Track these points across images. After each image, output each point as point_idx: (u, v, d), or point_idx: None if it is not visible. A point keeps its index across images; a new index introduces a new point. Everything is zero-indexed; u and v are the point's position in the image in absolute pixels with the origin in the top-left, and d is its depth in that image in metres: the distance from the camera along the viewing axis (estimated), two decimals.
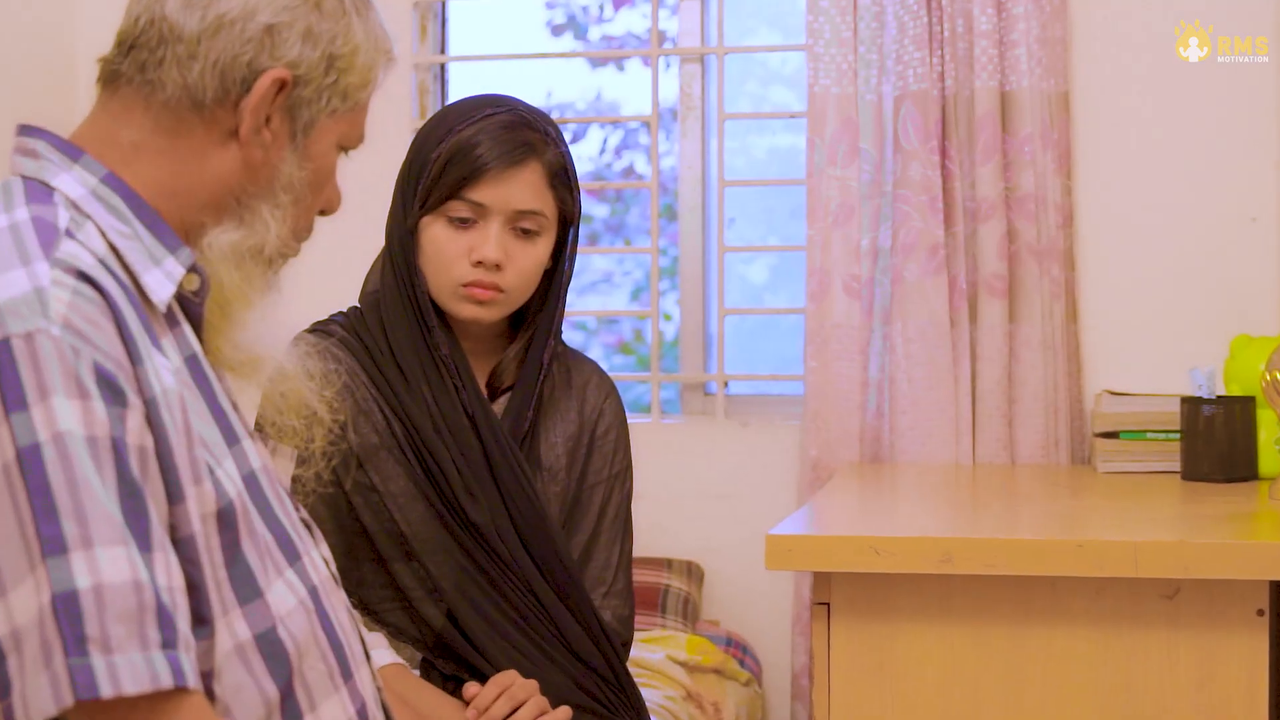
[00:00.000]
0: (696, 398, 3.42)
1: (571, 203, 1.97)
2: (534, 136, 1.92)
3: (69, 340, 1.12)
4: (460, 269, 1.92)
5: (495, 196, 1.90)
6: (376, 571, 1.95)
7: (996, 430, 2.99)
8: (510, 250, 1.92)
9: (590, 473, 2.05)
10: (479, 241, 1.91)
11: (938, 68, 3.01)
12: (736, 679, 2.94)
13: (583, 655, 1.96)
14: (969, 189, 3.02)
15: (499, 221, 1.91)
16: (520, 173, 1.91)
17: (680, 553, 3.25)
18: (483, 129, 1.91)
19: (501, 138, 1.90)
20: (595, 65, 3.92)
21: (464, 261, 1.91)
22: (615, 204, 4.07)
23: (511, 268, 1.92)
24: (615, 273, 4.12)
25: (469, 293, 1.92)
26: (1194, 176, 3.07)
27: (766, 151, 3.73)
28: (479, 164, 1.89)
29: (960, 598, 1.87)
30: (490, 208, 1.91)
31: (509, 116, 1.92)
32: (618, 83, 3.94)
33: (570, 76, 3.98)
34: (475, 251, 1.91)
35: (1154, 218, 3.09)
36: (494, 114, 1.92)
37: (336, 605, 1.36)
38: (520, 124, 1.92)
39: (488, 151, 1.89)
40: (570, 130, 3.76)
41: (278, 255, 1.36)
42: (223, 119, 1.29)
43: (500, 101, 1.96)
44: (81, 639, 1.07)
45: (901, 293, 3.01)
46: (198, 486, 1.19)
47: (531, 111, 1.96)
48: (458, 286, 1.93)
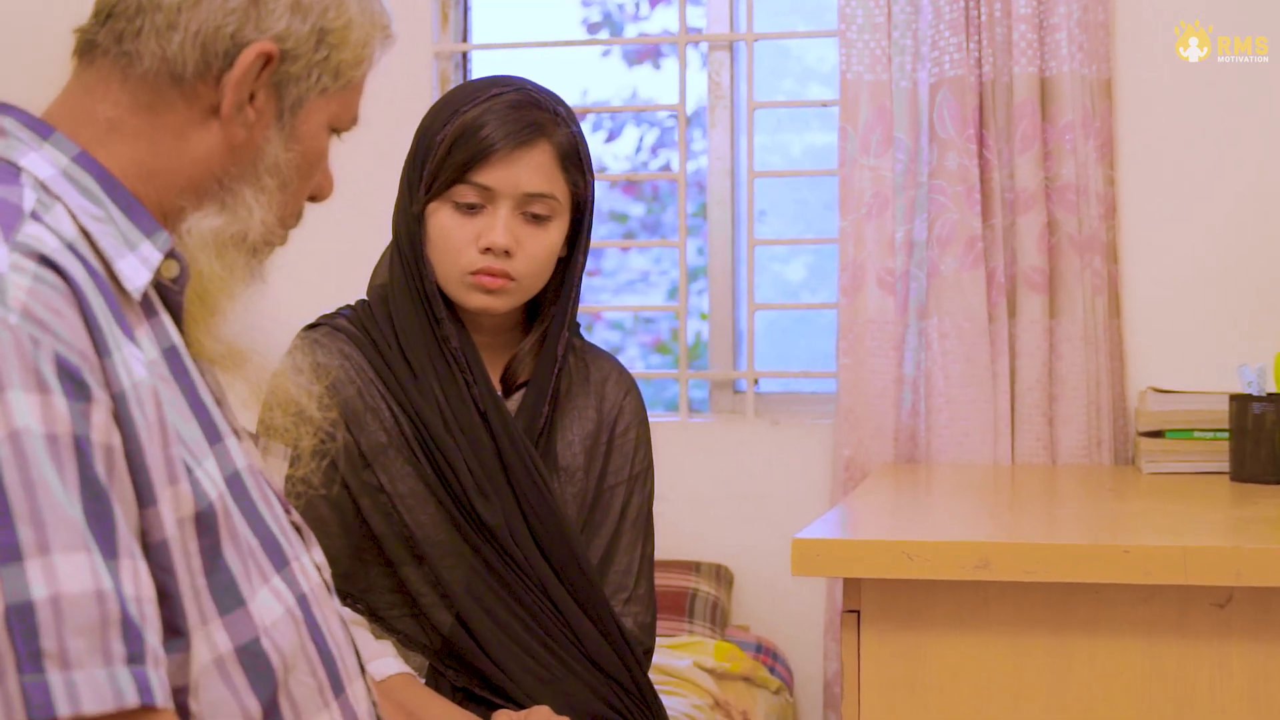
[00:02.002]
0: (726, 396, 3.39)
1: (584, 186, 1.89)
2: (543, 116, 1.86)
3: (28, 330, 1.05)
4: (468, 256, 1.85)
5: (503, 179, 1.83)
6: (385, 576, 1.90)
7: (1036, 429, 2.95)
8: (520, 236, 1.85)
9: (609, 473, 1.99)
10: (487, 227, 1.84)
11: (975, 53, 2.97)
12: (766, 687, 2.90)
13: (601, 664, 1.91)
14: (1007, 179, 2.98)
15: (508, 206, 1.84)
16: (529, 154, 1.84)
17: (709, 556, 3.22)
18: (489, 109, 1.84)
19: (509, 117, 1.83)
20: (631, 63, 3.91)
21: (472, 248, 1.85)
22: (651, 202, 4.10)
23: (522, 254, 1.86)
24: (652, 271, 4.13)
25: (478, 281, 1.86)
26: (1242, 165, 3.02)
27: (803, 150, 3.71)
28: (485, 145, 1.82)
29: (997, 606, 1.81)
30: (498, 191, 1.84)
31: (516, 95, 1.86)
32: (654, 81, 3.94)
33: (606, 74, 3.98)
34: (483, 238, 1.84)
35: (1200, 208, 3.04)
36: (501, 93, 1.86)
37: (328, 614, 1.30)
38: (528, 103, 1.86)
39: (494, 132, 1.82)
40: (606, 129, 3.72)
41: (262, 243, 1.29)
42: (204, 95, 1.23)
43: (508, 81, 1.89)
44: (36, 654, 0.99)
45: (938, 287, 2.97)
46: (173, 487, 1.12)
47: (540, 90, 1.89)
48: (466, 275, 1.86)
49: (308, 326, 1.94)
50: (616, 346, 4.15)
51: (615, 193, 4.08)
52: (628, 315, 4.13)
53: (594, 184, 1.93)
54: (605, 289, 4.01)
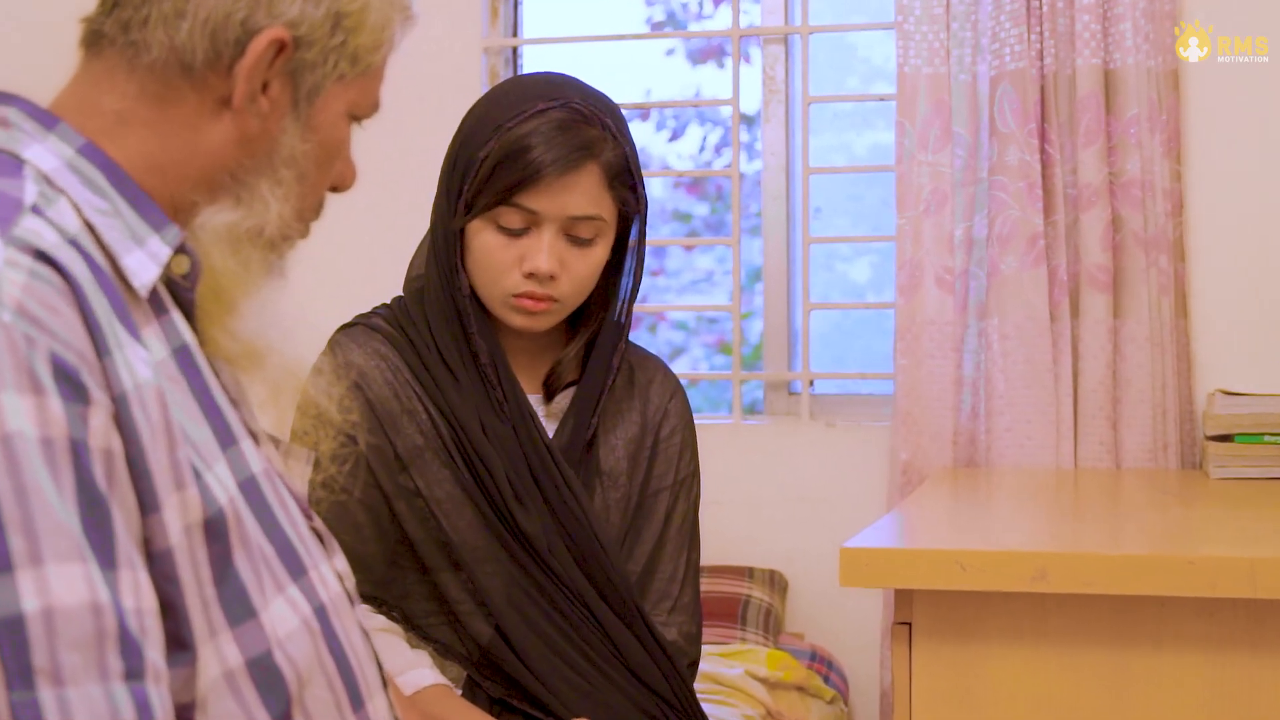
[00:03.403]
0: (781, 397, 3.36)
1: (634, 201, 1.84)
2: (592, 134, 1.78)
3: (22, 328, 1.00)
4: (511, 279, 1.80)
5: (549, 204, 1.77)
6: (421, 583, 1.86)
7: (1100, 433, 2.92)
8: (565, 258, 1.80)
9: (654, 478, 1.95)
10: (531, 251, 1.79)
11: (1036, 45, 2.94)
12: (821, 697, 2.86)
13: (643, 676, 1.86)
14: (1070, 175, 2.95)
15: (553, 229, 1.79)
16: (577, 178, 1.77)
17: (762, 561, 3.19)
18: (535, 129, 1.76)
19: (556, 140, 1.76)
20: (695, 63, 3.92)
21: (515, 271, 1.80)
22: (715, 202, 4.14)
23: (566, 276, 1.81)
24: (716, 271, 4.13)
25: (520, 304, 1.82)
26: None
27: (866, 150, 3.69)
28: (532, 170, 1.75)
29: (1055, 619, 1.76)
30: (544, 215, 1.78)
31: (563, 114, 1.78)
32: (718, 80, 3.94)
33: (670, 74, 4.00)
34: (527, 262, 1.79)
35: (1270, 204, 2.99)
36: (547, 109, 1.77)
37: (349, 626, 1.25)
38: (576, 121, 1.78)
39: (542, 155, 1.75)
40: (669, 128, 3.71)
41: (280, 238, 1.24)
42: (215, 85, 1.18)
43: (553, 91, 1.80)
44: (27, 670, 0.95)
45: (998, 286, 2.94)
46: (180, 493, 1.08)
47: (587, 102, 1.81)
48: (508, 297, 1.82)
49: (343, 326, 1.90)
50: (679, 347, 4.15)
51: (679, 192, 4.09)
52: (691, 315, 4.14)
53: (645, 196, 1.86)
54: (670, 289, 4.03)
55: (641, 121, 3.87)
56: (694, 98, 3.91)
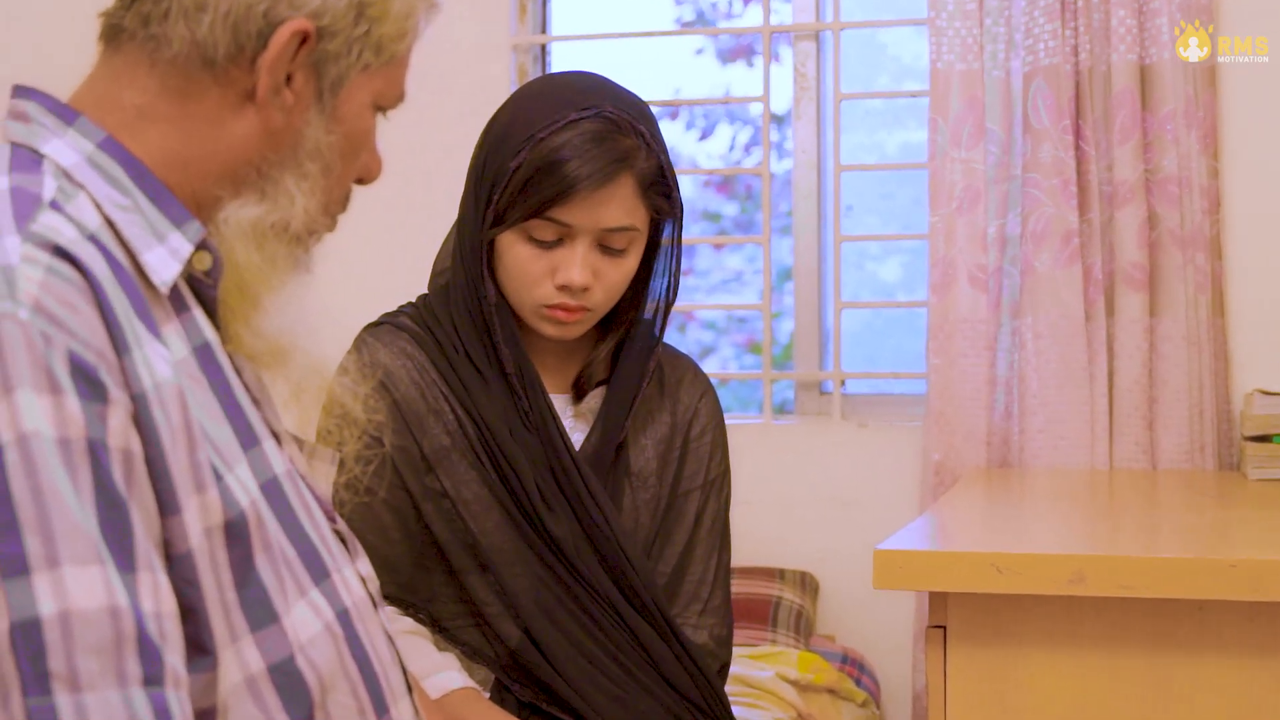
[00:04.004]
0: (812, 397, 3.34)
1: (668, 207, 1.81)
2: (626, 144, 1.75)
3: (39, 325, 0.98)
4: (543, 291, 1.78)
5: (584, 217, 1.75)
6: (448, 585, 1.84)
7: (1136, 433, 2.90)
8: (598, 269, 1.78)
9: (684, 478, 1.93)
10: (564, 263, 1.77)
11: (1071, 40, 2.91)
12: (852, 699, 2.84)
13: (673, 680, 1.84)
14: (1105, 171, 2.92)
15: (586, 241, 1.77)
16: (612, 190, 1.75)
17: (793, 563, 3.17)
18: (569, 141, 1.73)
19: (591, 154, 1.73)
20: (725, 62, 3.91)
21: (547, 282, 1.78)
22: (745, 201, 4.15)
23: (599, 286, 1.79)
24: (746, 271, 4.13)
25: (553, 315, 1.80)
26: None
27: (898, 149, 3.67)
28: (567, 184, 1.72)
29: (1093, 623, 1.74)
30: (577, 228, 1.76)
31: (597, 125, 1.74)
32: (748, 79, 3.92)
33: (700, 73, 4.00)
34: (560, 274, 1.77)
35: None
36: (580, 119, 1.74)
37: (373, 630, 1.23)
38: (611, 132, 1.74)
39: (576, 169, 1.72)
40: (698, 127, 3.69)
41: (306, 232, 1.22)
42: (238, 78, 1.16)
43: (585, 98, 1.76)
44: (43, 675, 0.93)
45: (1032, 284, 2.92)
46: (200, 495, 1.06)
47: (619, 109, 1.77)
48: (540, 307, 1.80)
49: (369, 325, 1.88)
50: (709, 347, 4.15)
51: (708, 192, 4.08)
52: (721, 315, 4.13)
53: (680, 200, 1.84)
54: (699, 289, 4.02)
55: (670, 121, 3.86)
56: (723, 97, 3.90)
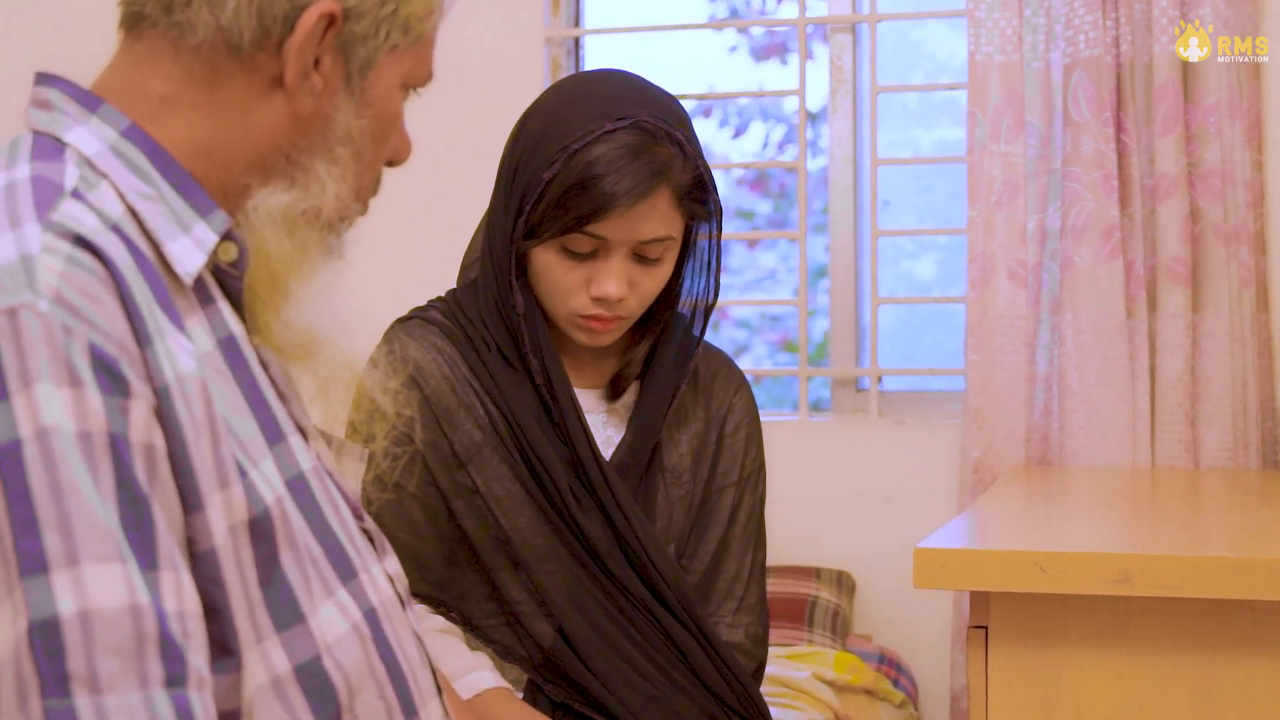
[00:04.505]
0: (848, 394, 3.32)
1: (704, 213, 1.78)
2: (663, 155, 1.71)
3: (60, 317, 0.96)
4: (578, 301, 1.76)
5: (619, 231, 1.72)
6: (480, 583, 1.82)
7: (1178, 430, 2.88)
8: (633, 278, 1.76)
9: (718, 475, 1.90)
10: (599, 274, 1.74)
11: (1112, 31, 2.89)
12: (890, 700, 2.83)
13: (708, 683, 1.82)
14: (1147, 165, 2.91)
15: (621, 253, 1.74)
16: (650, 203, 1.72)
17: (830, 562, 3.16)
18: (604, 155, 1.69)
19: (627, 168, 1.69)
20: (758, 59, 3.91)
21: (582, 293, 1.75)
22: (778, 199, 4.11)
23: (634, 295, 1.77)
24: (779, 269, 4.12)
25: (587, 324, 1.78)
26: None
27: (933, 146, 3.66)
28: (603, 201, 1.69)
29: (1139, 624, 1.71)
30: (613, 241, 1.73)
31: (633, 137, 1.70)
32: (782, 77, 3.92)
33: (733, 70, 4.00)
34: (595, 286, 1.74)
35: None
36: (615, 130, 1.70)
37: (401, 631, 1.20)
38: (647, 145, 1.70)
39: (614, 185, 1.69)
40: (732, 125, 3.68)
41: (338, 218, 1.20)
42: (265, 64, 1.13)
43: (619, 106, 1.72)
44: (63, 676, 0.91)
45: (1072, 279, 2.90)
46: (224, 491, 1.04)
47: (655, 116, 1.73)
48: (575, 316, 1.78)
49: (399, 320, 1.86)
50: (743, 345, 4.14)
51: (741, 190, 4.07)
52: (754, 313, 4.12)
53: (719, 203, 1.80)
54: (732, 287, 4.01)
55: (704, 119, 3.84)
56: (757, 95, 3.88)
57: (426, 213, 3.18)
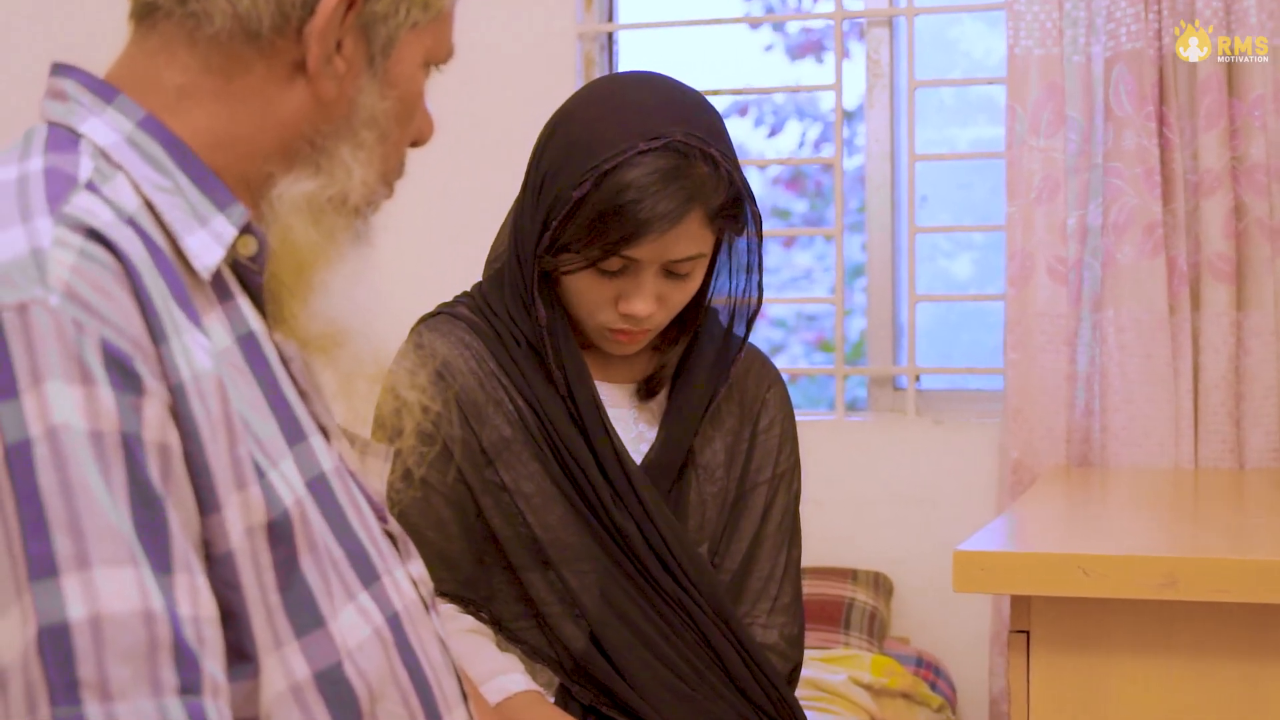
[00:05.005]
0: (885, 393, 3.30)
1: (736, 228, 1.76)
2: (696, 177, 1.68)
3: (71, 312, 0.94)
4: (607, 315, 1.74)
5: (652, 252, 1.70)
6: (510, 584, 1.79)
7: (1222, 431, 2.85)
8: (662, 292, 1.74)
9: (751, 471, 1.88)
10: (629, 291, 1.72)
11: (1154, 24, 2.86)
12: (927, 704, 2.82)
13: (742, 686, 1.79)
14: (1190, 160, 2.88)
15: (652, 271, 1.72)
16: (682, 224, 1.69)
17: (866, 563, 3.15)
18: (637, 180, 1.66)
19: (661, 194, 1.66)
20: (794, 58, 3.90)
21: (611, 308, 1.74)
22: (815, 198, 4.11)
23: (662, 308, 1.75)
24: (815, 269, 4.12)
25: (615, 337, 1.77)
26: None
27: (970, 145, 3.64)
28: (638, 229, 1.66)
29: (1184, 628, 1.69)
30: (644, 261, 1.71)
31: (666, 161, 1.67)
32: (818, 75, 3.91)
33: (770, 69, 4.00)
34: (625, 303, 1.73)
35: None
36: (648, 150, 1.67)
37: (425, 636, 1.18)
38: (681, 168, 1.67)
39: (648, 211, 1.66)
40: (768, 124, 3.65)
41: (364, 203, 1.17)
42: (284, 50, 1.10)
43: (652, 124, 1.68)
44: (72, 684, 0.88)
45: (1113, 276, 2.87)
46: (241, 492, 1.01)
47: (689, 132, 1.69)
48: (603, 329, 1.77)
49: (425, 316, 1.85)
50: (779, 344, 4.14)
51: (778, 189, 4.06)
52: (790, 313, 4.10)
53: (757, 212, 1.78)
54: (769, 286, 3.97)
55: (740, 117, 3.82)
56: (793, 94, 3.87)
57: (459, 208, 3.17)
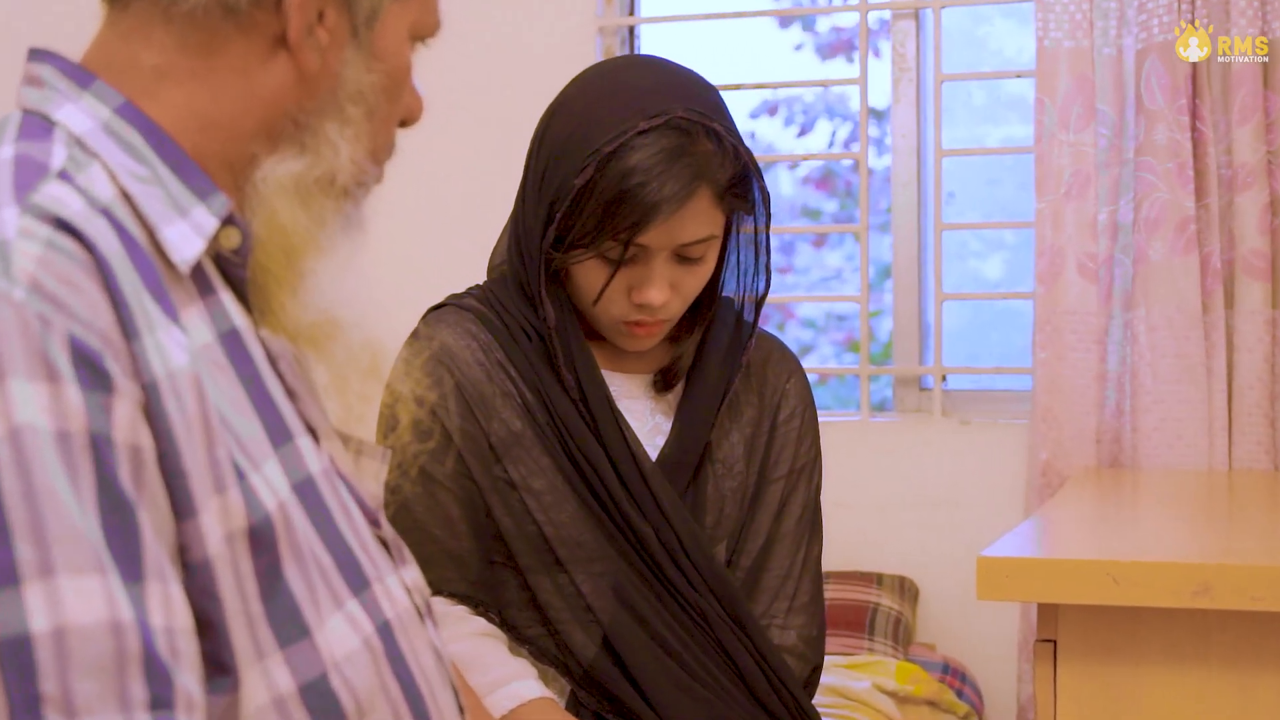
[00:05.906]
0: (911, 393, 3.25)
1: (747, 207, 1.72)
2: (700, 154, 1.64)
3: (36, 306, 0.89)
4: (620, 307, 1.71)
5: (661, 237, 1.66)
6: (518, 588, 1.75)
7: (1257, 431, 2.82)
8: (675, 280, 1.70)
9: (770, 465, 1.84)
10: (640, 280, 1.69)
11: (1187, 15, 2.83)
12: (953, 712, 2.77)
13: (757, 692, 1.75)
14: (1224, 154, 2.84)
15: (663, 256, 1.68)
16: (690, 204, 1.65)
17: (891, 567, 3.11)
18: (641, 163, 1.62)
19: (665, 174, 1.62)
20: (824, 57, 3.92)
21: (624, 301, 1.70)
22: (844, 198, 4.10)
23: (677, 296, 1.71)
24: (845, 269, 4.12)
25: (631, 330, 1.73)
26: None
27: (1000, 143, 3.60)
28: (646, 213, 1.62)
29: (1218, 638, 1.64)
30: (654, 247, 1.67)
31: (668, 139, 1.63)
32: (848, 74, 3.88)
33: (800, 69, 4.00)
34: (638, 293, 1.69)
35: None
36: (649, 130, 1.63)
37: (418, 646, 1.13)
38: (684, 145, 1.63)
39: (654, 194, 1.62)
40: (797, 124, 3.62)
41: (354, 183, 1.12)
42: (264, 23, 1.06)
43: (652, 102, 1.64)
44: (34, 699, 0.84)
45: (1145, 274, 2.84)
46: (220, 496, 0.96)
47: (690, 108, 1.65)
48: (618, 323, 1.73)
49: (432, 308, 1.81)
50: (808, 345, 4.13)
51: (808, 188, 4.04)
52: (820, 314, 4.08)
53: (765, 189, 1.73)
54: (798, 286, 3.98)
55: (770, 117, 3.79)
56: (824, 92, 3.89)
57: (478, 205, 3.12)
